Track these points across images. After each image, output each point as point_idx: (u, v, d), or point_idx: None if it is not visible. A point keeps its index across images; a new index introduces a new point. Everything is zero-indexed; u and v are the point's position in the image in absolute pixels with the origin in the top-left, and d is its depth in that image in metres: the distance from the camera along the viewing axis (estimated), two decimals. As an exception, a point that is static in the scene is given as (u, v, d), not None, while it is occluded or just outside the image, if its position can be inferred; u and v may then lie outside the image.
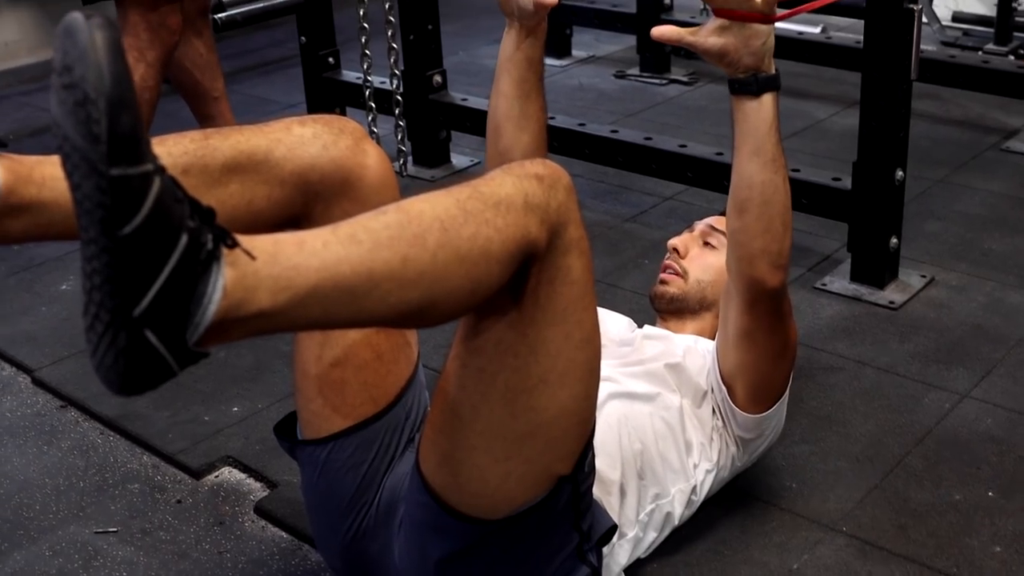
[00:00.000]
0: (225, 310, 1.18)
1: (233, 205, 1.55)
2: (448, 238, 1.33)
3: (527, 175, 1.42)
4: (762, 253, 1.82)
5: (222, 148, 1.55)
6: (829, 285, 2.87)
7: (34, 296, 3.03)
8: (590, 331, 1.55)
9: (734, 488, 2.11)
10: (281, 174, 1.59)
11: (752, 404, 1.97)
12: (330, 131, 1.64)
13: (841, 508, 2.10)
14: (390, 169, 1.70)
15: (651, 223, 3.27)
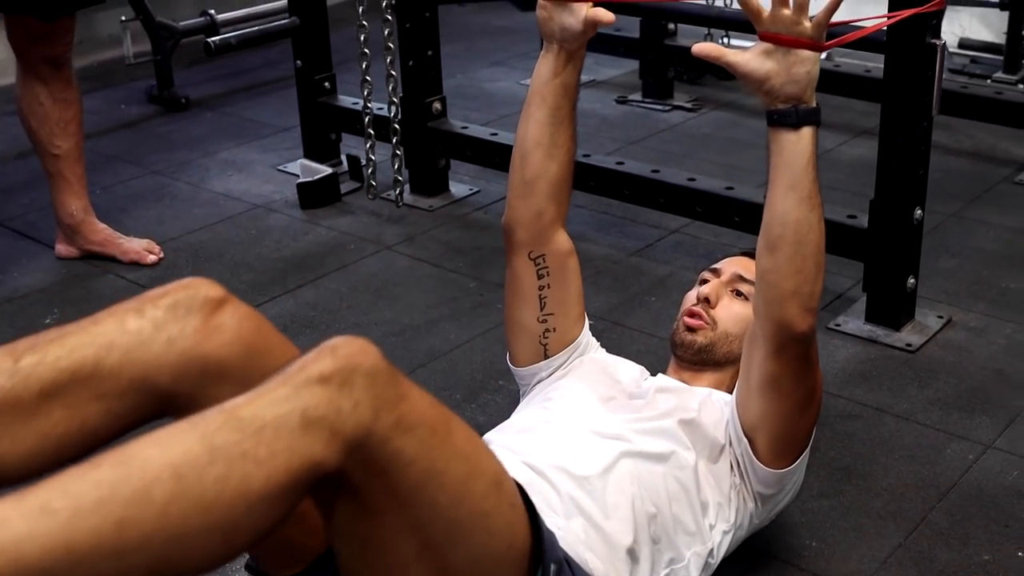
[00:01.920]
0: None
1: (59, 434, 1.36)
2: (184, 487, 1.13)
3: (308, 380, 1.22)
4: (793, 295, 1.72)
5: (37, 372, 1.33)
6: (843, 326, 2.77)
7: (17, 330, 2.90)
8: (458, 488, 1.34)
9: (751, 547, 2.00)
10: (118, 385, 1.38)
11: (774, 458, 1.87)
12: (174, 317, 1.41)
13: (864, 569, 2.00)
14: (258, 330, 1.47)
15: (657, 257, 3.17)
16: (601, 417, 1.90)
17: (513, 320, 2.09)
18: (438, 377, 2.61)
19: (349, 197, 3.59)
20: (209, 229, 3.42)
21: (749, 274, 2.07)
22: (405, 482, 1.29)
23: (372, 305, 2.95)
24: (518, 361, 2.09)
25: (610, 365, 2.08)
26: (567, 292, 2.05)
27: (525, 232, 2.02)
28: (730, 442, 1.89)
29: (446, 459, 1.31)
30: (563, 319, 2.05)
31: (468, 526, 1.37)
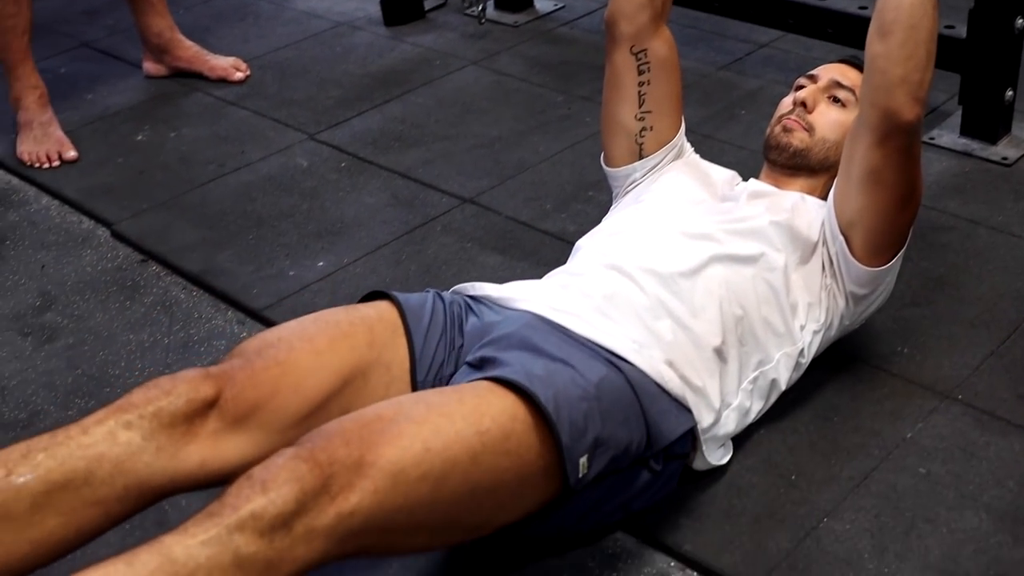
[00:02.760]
0: None
1: (55, 541, 1.40)
2: None
3: (240, 522, 1.26)
4: (902, 82, 1.71)
5: (29, 486, 1.37)
6: (938, 139, 2.72)
7: (110, 147, 2.96)
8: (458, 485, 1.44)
9: (841, 351, 2.02)
10: (114, 492, 1.42)
11: (870, 255, 1.86)
12: (161, 427, 1.45)
13: (956, 375, 2.00)
14: (254, 406, 1.53)
15: (747, 71, 3.12)
16: (691, 218, 1.90)
17: (610, 118, 2.07)
18: (528, 188, 2.62)
19: (433, 14, 3.56)
20: (294, 47, 3.42)
21: (847, 80, 2.03)
22: (376, 533, 1.37)
23: (460, 119, 2.95)
24: (613, 162, 2.09)
25: (703, 169, 2.08)
26: (666, 90, 2.03)
27: (628, 25, 1.99)
28: (824, 241, 1.89)
29: (404, 496, 1.38)
30: (660, 118, 2.04)
31: (466, 504, 1.47)
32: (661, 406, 1.64)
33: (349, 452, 1.34)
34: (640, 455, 1.62)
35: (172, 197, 2.71)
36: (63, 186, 2.80)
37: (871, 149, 1.77)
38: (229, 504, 1.28)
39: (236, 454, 1.50)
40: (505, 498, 1.51)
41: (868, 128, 1.76)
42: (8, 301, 2.40)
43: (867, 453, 1.85)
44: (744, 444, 1.86)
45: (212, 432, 1.49)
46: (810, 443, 1.87)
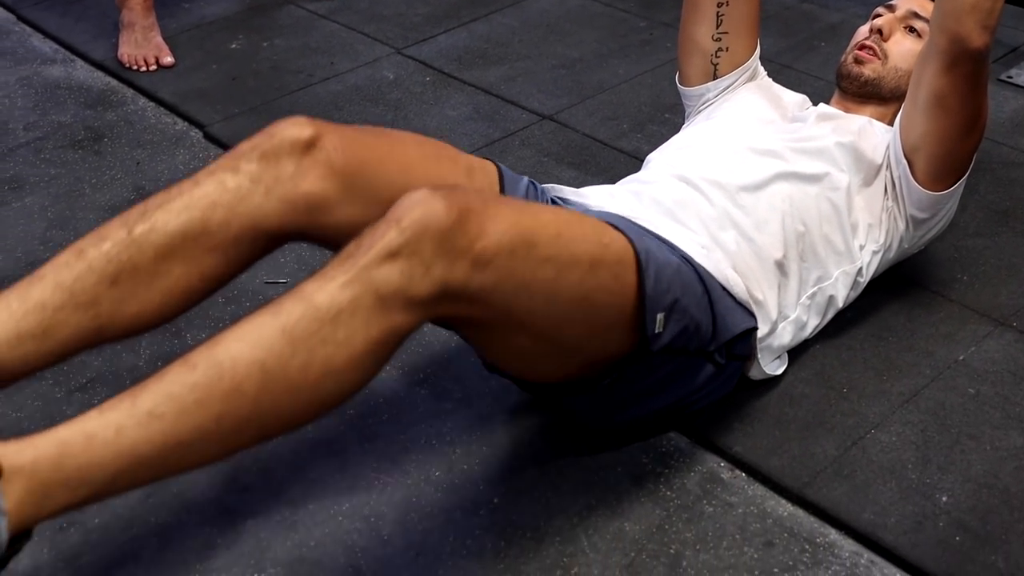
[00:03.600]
0: (18, 525, 1.19)
1: (183, 288, 1.48)
2: (271, 379, 1.25)
3: (376, 261, 1.29)
4: (972, 9, 1.74)
5: (150, 239, 1.46)
6: (1016, 78, 2.74)
7: (205, 54, 3.07)
8: (551, 288, 1.45)
9: (901, 275, 2.07)
10: (227, 237, 1.49)
11: (932, 180, 1.91)
12: (268, 168, 1.51)
13: (1013, 304, 2.05)
14: (355, 155, 1.57)
15: (829, 4, 3.15)
16: (760, 135, 1.96)
17: (687, 37, 2.12)
18: (606, 108, 2.69)
19: (522, -63, 3.61)
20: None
21: (924, 11, 2.06)
22: (496, 305, 1.39)
23: (543, 40, 3.02)
24: (688, 81, 2.15)
25: (775, 91, 2.13)
26: (745, 11, 2.08)
27: None
28: (888, 165, 1.94)
29: (532, 271, 1.40)
30: (736, 39, 2.09)
31: (570, 313, 1.49)
32: (727, 303, 1.71)
33: (485, 206, 1.36)
34: (705, 345, 1.68)
35: (263, 103, 2.81)
36: (159, 88, 2.91)
37: (938, 74, 1.81)
38: (364, 244, 1.31)
39: (343, 215, 1.53)
40: (598, 325, 1.54)
41: (936, 53, 1.80)
42: (105, 194, 2.52)
43: (919, 372, 1.91)
44: (799, 357, 1.93)
45: (318, 178, 1.53)
46: (864, 360, 1.94)
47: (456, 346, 2.02)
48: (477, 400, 1.90)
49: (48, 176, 2.59)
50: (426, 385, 1.94)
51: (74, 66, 3.08)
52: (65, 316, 1.42)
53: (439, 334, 2.03)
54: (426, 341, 2.04)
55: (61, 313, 1.42)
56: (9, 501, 1.18)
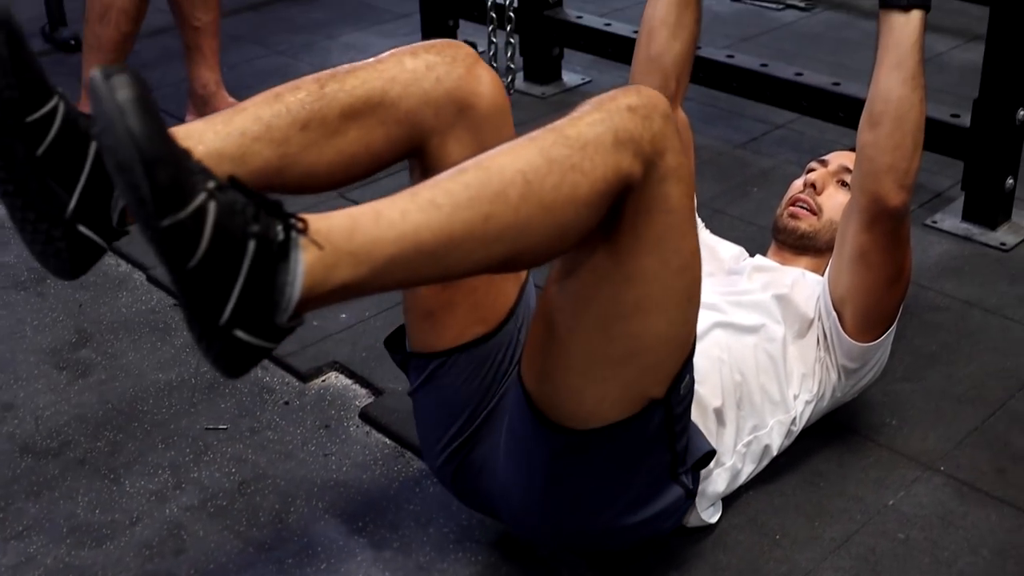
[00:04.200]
0: (307, 290, 1.24)
1: (353, 152, 1.59)
2: (531, 191, 1.34)
3: (618, 109, 1.41)
4: (889, 170, 1.83)
5: (339, 97, 1.57)
6: (940, 223, 2.84)
7: (151, 195, 3.10)
8: (688, 258, 1.55)
9: (833, 420, 2.12)
10: (397, 114, 1.60)
11: (861, 332, 1.97)
12: (443, 61, 1.63)
13: (940, 448, 2.10)
14: (503, 93, 1.70)
15: (762, 151, 3.25)
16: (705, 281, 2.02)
17: None
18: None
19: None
20: (330, 108, 3.57)
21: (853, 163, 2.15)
22: (657, 228, 1.48)
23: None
24: None
25: (712, 243, 2.20)
26: None
27: None
28: (819, 316, 2.00)
29: (687, 230, 1.53)
30: None
31: (676, 300, 1.56)
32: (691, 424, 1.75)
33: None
34: (676, 464, 1.70)
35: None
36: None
37: (860, 232, 1.89)
38: (607, 97, 1.43)
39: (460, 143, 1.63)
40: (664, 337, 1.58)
41: (858, 212, 1.88)
42: (47, 336, 2.53)
43: (850, 517, 1.94)
44: (732, 502, 1.96)
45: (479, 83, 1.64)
46: (796, 505, 1.97)
47: (395, 493, 2.03)
48: (417, 548, 1.91)
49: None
50: (365, 533, 1.95)
51: (19, 207, 3.10)
52: (260, 147, 1.52)
53: (378, 480, 2.05)
54: (365, 489, 2.05)
55: (257, 144, 1.52)
56: (307, 264, 1.23)
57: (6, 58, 1.31)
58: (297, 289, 1.23)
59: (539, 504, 1.71)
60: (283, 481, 2.08)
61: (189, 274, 1.20)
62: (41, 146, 1.34)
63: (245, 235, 1.21)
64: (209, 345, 1.25)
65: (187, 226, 1.18)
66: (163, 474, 2.11)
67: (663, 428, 1.64)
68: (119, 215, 1.37)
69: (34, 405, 2.31)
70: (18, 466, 2.14)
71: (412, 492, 2.04)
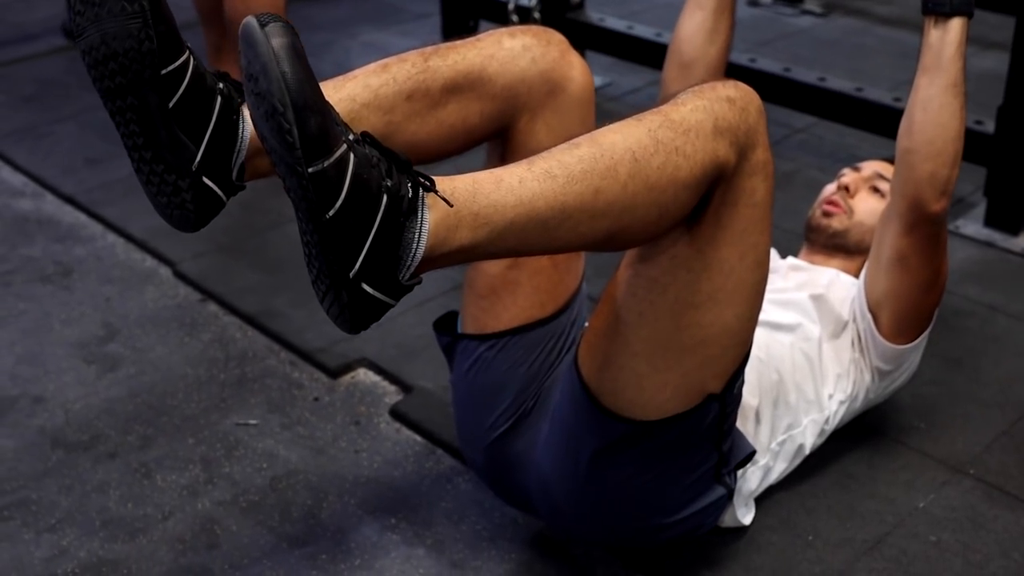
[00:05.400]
0: (430, 249, 1.28)
1: (451, 124, 1.63)
2: (638, 168, 1.38)
3: (718, 98, 1.46)
4: (930, 177, 1.85)
5: (441, 70, 1.61)
6: (962, 228, 2.85)
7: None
8: (763, 254, 1.58)
9: (863, 423, 2.13)
10: (493, 89, 1.65)
11: (896, 334, 1.99)
12: (539, 43, 1.68)
13: (969, 451, 2.11)
14: (591, 81, 1.74)
15: (783, 154, 3.25)
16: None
17: None
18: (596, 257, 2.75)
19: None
20: (352, 106, 3.58)
21: (888, 174, 2.17)
22: (741, 221, 1.52)
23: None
24: None
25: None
26: None
27: None
28: (854, 318, 2.01)
29: (766, 226, 1.57)
30: None
31: (747, 294, 1.60)
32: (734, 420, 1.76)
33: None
34: (721, 463, 1.72)
35: (232, 242, 2.86)
36: (128, 224, 2.95)
37: (899, 236, 1.90)
38: (707, 87, 1.49)
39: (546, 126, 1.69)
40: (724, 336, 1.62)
41: (897, 216, 1.90)
42: (74, 330, 2.54)
43: (881, 519, 1.95)
44: (764, 503, 1.97)
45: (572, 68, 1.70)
46: (828, 507, 1.98)
47: (427, 490, 2.04)
48: (450, 546, 1.92)
49: (17, 311, 2.61)
50: (397, 531, 1.96)
51: (43, 200, 3.12)
52: (367, 113, 1.56)
53: (410, 477, 2.06)
54: (397, 486, 2.06)
55: (365, 109, 1.56)
56: (432, 223, 1.27)
57: (147, 10, 1.34)
58: (422, 247, 1.27)
59: (581, 496, 1.72)
60: (315, 477, 2.09)
61: (326, 224, 1.23)
62: (173, 98, 1.37)
63: (380, 188, 1.25)
64: (337, 297, 1.28)
65: (329, 175, 1.22)
66: (194, 469, 2.12)
67: (715, 426, 1.66)
68: (239, 170, 1.43)
69: (64, 399, 2.32)
70: (49, 459, 2.15)
71: (444, 489, 2.05)
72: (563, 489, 1.73)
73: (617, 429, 1.64)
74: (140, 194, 3.03)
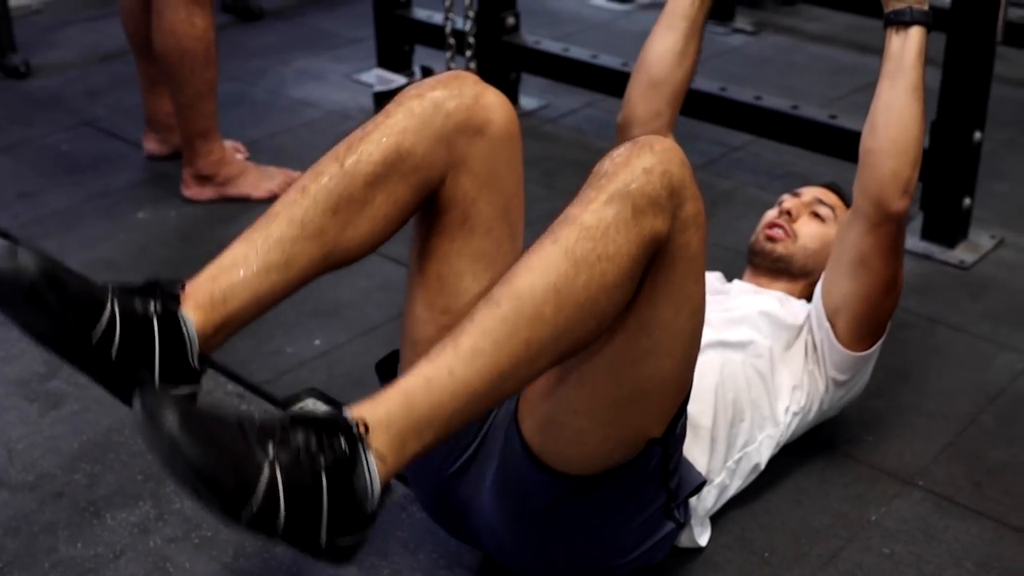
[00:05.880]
0: (386, 476, 1.33)
1: (384, 213, 1.63)
2: (564, 298, 1.40)
3: (634, 175, 1.43)
4: (893, 176, 1.91)
5: (359, 168, 1.61)
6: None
7: (112, 223, 3.08)
8: (699, 302, 1.59)
9: (812, 438, 2.15)
10: (415, 161, 1.64)
11: (854, 341, 2.03)
12: (450, 94, 1.66)
13: (917, 463, 2.14)
14: (511, 115, 1.72)
15: (721, 173, 3.29)
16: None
17: None
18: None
19: (422, 107, 3.71)
20: (290, 133, 3.57)
21: (827, 199, 2.23)
22: (676, 277, 1.51)
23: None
24: None
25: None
26: None
27: (641, 130, 2.20)
28: (810, 329, 2.05)
29: (701, 274, 1.57)
30: None
31: (684, 343, 1.60)
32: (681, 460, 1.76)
33: None
34: (670, 499, 1.72)
35: (173, 274, 2.79)
36: (66, 258, 2.84)
37: (863, 236, 1.95)
38: (622, 162, 1.45)
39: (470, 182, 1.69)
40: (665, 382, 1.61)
41: (862, 216, 1.95)
42: (14, 367, 2.49)
43: (835, 534, 1.97)
44: (719, 522, 1.98)
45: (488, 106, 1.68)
46: (782, 523, 2.00)
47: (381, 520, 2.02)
48: (407, 575, 1.91)
49: (-46, 351, 2.56)
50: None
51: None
52: (300, 247, 1.59)
53: (365, 507, 2.04)
54: (352, 515, 2.04)
55: (297, 245, 1.59)
56: (377, 457, 1.31)
57: (55, 302, 1.39)
58: (376, 483, 1.32)
59: (530, 543, 1.73)
60: (268, 510, 2.06)
61: (281, 536, 1.28)
62: (112, 352, 1.43)
63: (316, 476, 1.28)
64: (318, 558, 1.33)
65: (263, 507, 1.26)
66: (144, 505, 2.09)
67: (659, 468, 1.67)
68: (198, 359, 1.49)
69: (6, 438, 2.27)
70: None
71: (399, 518, 2.04)
72: (512, 536, 1.74)
73: (562, 486, 1.64)
74: (76, 227, 3.02)
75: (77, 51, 4.30)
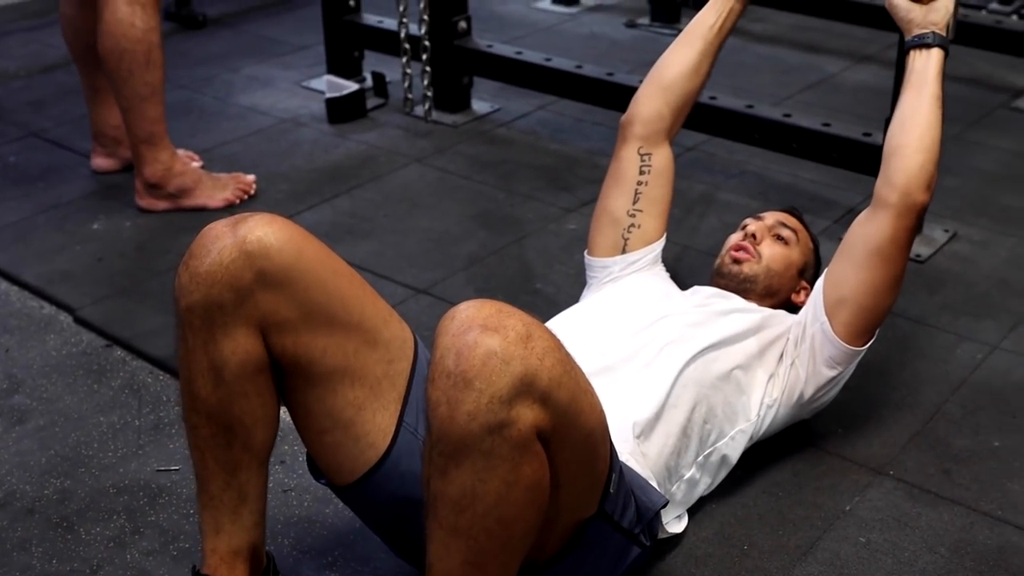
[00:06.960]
0: None
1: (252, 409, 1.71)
2: (483, 558, 1.46)
3: (491, 412, 1.38)
4: (921, 168, 2.01)
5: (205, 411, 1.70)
6: (856, 237, 2.93)
7: (66, 235, 3.04)
8: (600, 429, 1.58)
9: (784, 432, 2.17)
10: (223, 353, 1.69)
11: (851, 334, 2.07)
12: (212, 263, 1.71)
13: (886, 453, 2.18)
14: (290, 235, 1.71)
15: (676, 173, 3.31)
16: (663, 305, 2.11)
17: (604, 208, 2.31)
18: (478, 280, 2.77)
19: (374, 113, 3.71)
20: (241, 141, 3.54)
21: (789, 222, 2.29)
22: (570, 447, 1.51)
23: (408, 214, 3.09)
24: (596, 251, 2.29)
25: (668, 278, 2.29)
26: (660, 195, 2.30)
27: (642, 128, 2.29)
28: (800, 323, 2.10)
29: (593, 421, 1.55)
30: (649, 218, 2.28)
31: (591, 465, 1.60)
32: (639, 481, 1.78)
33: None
34: (633, 525, 1.73)
35: (132, 284, 2.80)
36: (21, 272, 2.86)
37: (884, 227, 2.02)
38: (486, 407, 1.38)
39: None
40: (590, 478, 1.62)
41: (885, 207, 2.03)
42: (-25, 386, 2.46)
43: (811, 524, 2.00)
44: (698, 516, 2.00)
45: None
46: (759, 516, 2.02)
47: (360, 525, 2.02)
48: (390, 579, 1.91)
49: (-88, 368, 2.52)
50: (335, 568, 1.94)
51: (-73, 252, 3.01)
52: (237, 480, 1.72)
53: (342, 513, 2.04)
54: (330, 523, 2.04)
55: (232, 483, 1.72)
56: None
57: None
58: None
59: None
60: (245, 519, 2.05)
61: None
62: None
63: None
64: None
65: None
66: (119, 519, 2.07)
67: (606, 524, 1.69)
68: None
69: (-28, 455, 2.24)
70: (-37, 519, 2.07)
71: (378, 523, 2.03)
72: None
73: None
74: (30, 239, 2.98)
75: (19, 62, 4.25)
